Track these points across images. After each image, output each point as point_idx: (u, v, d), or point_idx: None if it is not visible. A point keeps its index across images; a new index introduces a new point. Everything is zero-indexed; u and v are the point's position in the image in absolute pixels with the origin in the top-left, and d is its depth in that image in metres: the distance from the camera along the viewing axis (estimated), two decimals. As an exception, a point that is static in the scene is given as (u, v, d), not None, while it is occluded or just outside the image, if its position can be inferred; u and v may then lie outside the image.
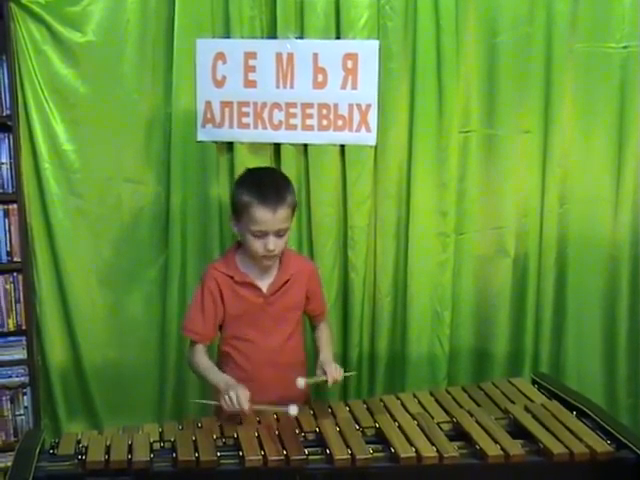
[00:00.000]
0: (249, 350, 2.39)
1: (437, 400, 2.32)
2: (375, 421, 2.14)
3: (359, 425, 2.13)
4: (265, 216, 2.23)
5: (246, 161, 2.98)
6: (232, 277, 2.35)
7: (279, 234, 2.28)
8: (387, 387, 3.17)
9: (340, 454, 1.94)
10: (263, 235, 2.26)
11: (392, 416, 2.18)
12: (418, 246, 3.07)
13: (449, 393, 2.38)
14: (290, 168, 2.99)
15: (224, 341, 2.44)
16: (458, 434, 2.10)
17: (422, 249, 3.08)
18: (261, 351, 2.37)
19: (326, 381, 2.27)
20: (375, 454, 1.97)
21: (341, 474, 1.94)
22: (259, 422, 2.16)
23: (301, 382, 2.22)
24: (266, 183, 2.28)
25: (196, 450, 1.94)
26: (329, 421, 2.13)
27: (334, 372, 2.28)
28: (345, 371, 2.34)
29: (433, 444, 1.99)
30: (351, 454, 1.94)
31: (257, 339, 2.38)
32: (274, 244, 2.27)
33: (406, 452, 1.96)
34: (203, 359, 2.36)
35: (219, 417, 2.25)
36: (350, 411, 2.24)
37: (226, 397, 2.13)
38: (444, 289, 3.13)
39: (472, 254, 3.16)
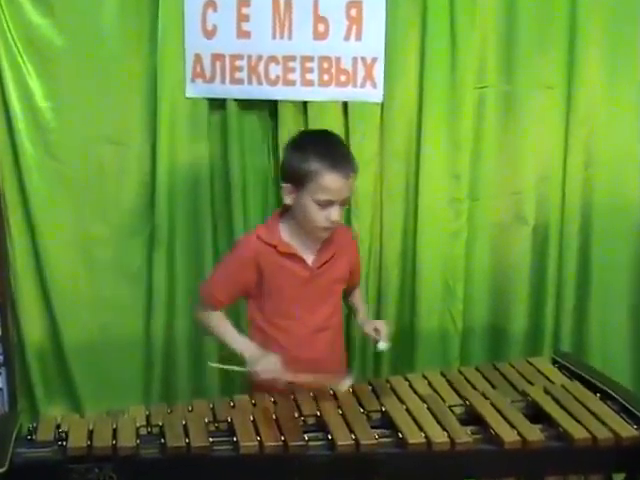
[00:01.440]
0: (292, 328, 2.41)
1: (449, 381, 2.33)
2: (381, 404, 2.15)
3: (364, 408, 2.13)
4: (336, 183, 2.26)
5: (240, 120, 2.99)
6: (275, 247, 2.37)
7: (343, 203, 2.34)
8: (394, 367, 3.19)
9: (343, 439, 1.95)
10: (328, 204, 2.29)
11: (400, 399, 2.18)
12: (428, 213, 3.08)
13: (462, 374, 2.39)
14: (288, 127, 2.98)
15: (264, 319, 2.44)
16: (471, 418, 2.10)
17: (433, 216, 3.09)
18: (304, 329, 2.40)
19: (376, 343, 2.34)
20: (381, 439, 1.97)
21: (344, 461, 1.94)
22: (254, 405, 2.17)
23: (348, 383, 2.24)
24: (335, 147, 2.34)
25: (186, 435, 1.94)
26: (331, 404, 2.14)
27: (382, 329, 2.35)
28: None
29: (444, 429, 1.99)
30: (355, 439, 1.94)
31: (301, 316, 2.42)
32: (339, 214, 2.32)
33: (415, 437, 1.96)
34: (223, 322, 2.43)
35: (252, 390, 2.31)
36: (354, 393, 2.23)
37: (260, 364, 2.23)
38: (457, 260, 3.14)
39: (488, 222, 3.17)
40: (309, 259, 2.40)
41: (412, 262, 3.13)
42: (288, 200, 2.35)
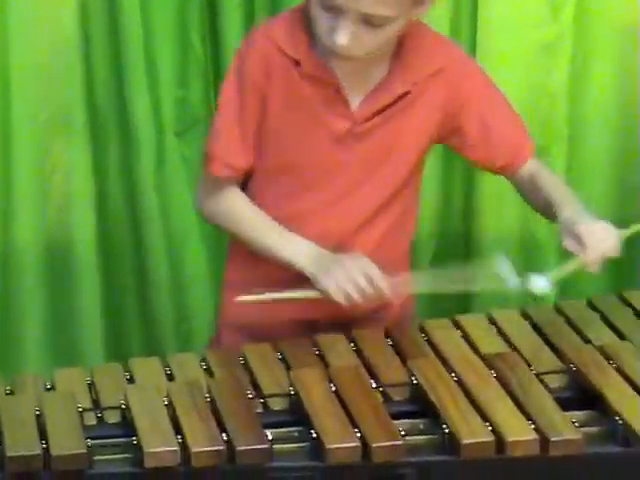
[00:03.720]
0: (311, 221, 2.47)
1: (535, 325, 2.41)
2: (410, 372, 2.16)
3: (377, 379, 2.16)
4: None
5: None
6: (298, 62, 2.38)
7: (367, 21, 2.25)
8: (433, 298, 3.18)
9: (338, 440, 1.93)
10: (335, 12, 2.25)
11: (443, 359, 2.21)
12: (497, 8, 3.17)
13: (560, 311, 2.48)
14: None
15: (264, 205, 2.51)
16: (580, 396, 2.14)
17: (505, 16, 3.23)
18: (330, 240, 2.43)
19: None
20: (411, 437, 1.98)
21: (341, 478, 1.95)
22: (169, 377, 2.14)
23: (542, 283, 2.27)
24: None
25: (42, 437, 1.94)
26: (316, 372, 2.15)
27: (595, 244, 2.26)
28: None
29: (530, 418, 1.99)
30: (361, 438, 1.93)
31: (323, 213, 2.46)
32: (348, 35, 2.24)
33: (473, 434, 1.96)
34: (246, 207, 2.51)
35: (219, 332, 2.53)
36: (356, 349, 2.28)
37: (344, 281, 2.28)
38: (551, 111, 3.24)
39: (610, 26, 3.25)
40: (354, 100, 2.39)
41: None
42: None
